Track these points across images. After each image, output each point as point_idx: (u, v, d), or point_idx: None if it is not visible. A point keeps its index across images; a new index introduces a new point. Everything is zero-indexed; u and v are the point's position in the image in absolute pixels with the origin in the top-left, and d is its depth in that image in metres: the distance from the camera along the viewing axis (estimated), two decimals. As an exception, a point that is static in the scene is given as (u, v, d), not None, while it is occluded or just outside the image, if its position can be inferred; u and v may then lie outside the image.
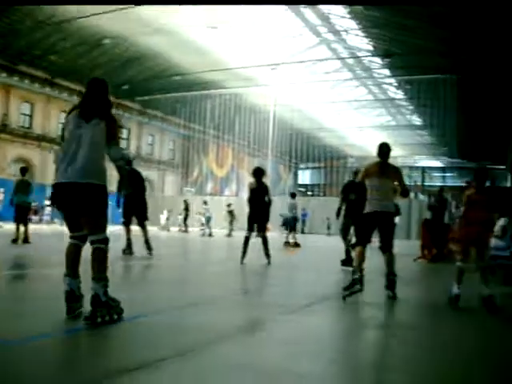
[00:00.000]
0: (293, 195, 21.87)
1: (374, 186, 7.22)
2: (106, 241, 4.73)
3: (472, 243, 6.68)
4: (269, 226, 12.93)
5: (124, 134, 48.94)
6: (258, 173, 11.59)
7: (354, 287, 6.62)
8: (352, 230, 11.18)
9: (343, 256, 11.22)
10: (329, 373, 3.51)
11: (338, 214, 11.23)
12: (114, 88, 44.58)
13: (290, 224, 20.57)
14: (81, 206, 4.69)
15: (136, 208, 12.19)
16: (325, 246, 22.63)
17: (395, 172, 7.51)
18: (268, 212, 11.55)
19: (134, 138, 50.99)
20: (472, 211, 6.64)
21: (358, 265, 6.94)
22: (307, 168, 79.58)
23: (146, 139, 53.01)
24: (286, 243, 19.83)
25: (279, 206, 24.26)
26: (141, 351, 3.73)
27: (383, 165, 7.49)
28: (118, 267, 9.63)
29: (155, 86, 45.68)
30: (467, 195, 6.76)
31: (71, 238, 4.88)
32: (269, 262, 11.24)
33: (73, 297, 4.68)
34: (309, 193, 73.31)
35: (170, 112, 50.95)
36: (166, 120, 52.99)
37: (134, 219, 12.35)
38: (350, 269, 7.99)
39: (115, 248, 7.86)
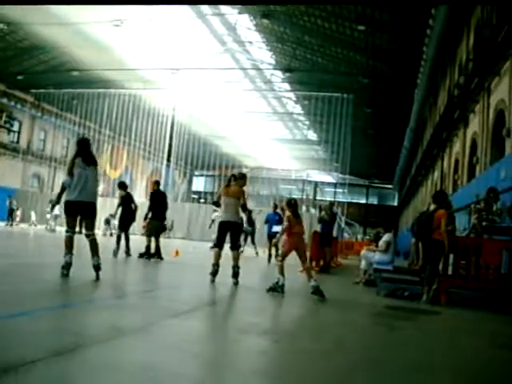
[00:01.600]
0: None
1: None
2: (95, 234, 8.35)
3: (295, 249, 8.85)
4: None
5: (15, 126, 46.77)
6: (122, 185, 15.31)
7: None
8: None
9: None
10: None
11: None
12: (6, 76, 42.75)
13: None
14: (86, 214, 8.30)
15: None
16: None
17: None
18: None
19: (25, 132, 48.71)
20: (294, 227, 8.82)
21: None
22: (202, 175, 79.53)
23: (38, 134, 50.85)
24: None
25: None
26: (8, 351, 3.49)
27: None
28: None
29: (52, 79, 43.98)
30: (287, 216, 8.99)
31: (69, 231, 8.19)
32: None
33: (70, 265, 7.92)
34: (201, 200, 73.16)
35: (65, 108, 49.16)
36: (61, 116, 51.09)
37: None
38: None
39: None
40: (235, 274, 9.38)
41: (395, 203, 73.26)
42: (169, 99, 48.40)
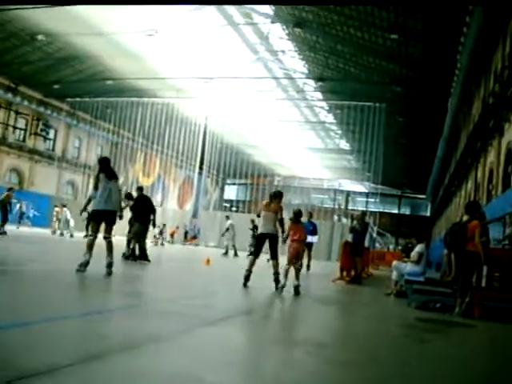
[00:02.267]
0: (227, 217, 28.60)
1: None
2: (111, 237, 9.87)
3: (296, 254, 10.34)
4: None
5: (51, 134, 47.66)
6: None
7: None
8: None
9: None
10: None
11: None
12: (43, 86, 43.61)
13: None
14: (109, 220, 9.82)
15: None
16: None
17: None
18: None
19: (60, 140, 49.59)
20: (294, 234, 10.34)
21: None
22: (234, 184, 79.77)
23: (73, 142, 51.74)
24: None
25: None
26: (37, 356, 3.51)
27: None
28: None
29: (87, 88, 44.77)
30: (290, 226, 10.54)
31: (92, 235, 9.69)
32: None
33: (88, 263, 9.27)
34: (233, 208, 73.35)
35: (99, 116, 49.90)
36: (95, 124, 51.85)
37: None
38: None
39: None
40: (276, 280, 10.23)
41: (428, 213, 72.36)
42: (201, 108, 48.73)
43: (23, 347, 3.70)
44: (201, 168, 54.89)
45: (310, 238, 18.80)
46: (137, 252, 14.54)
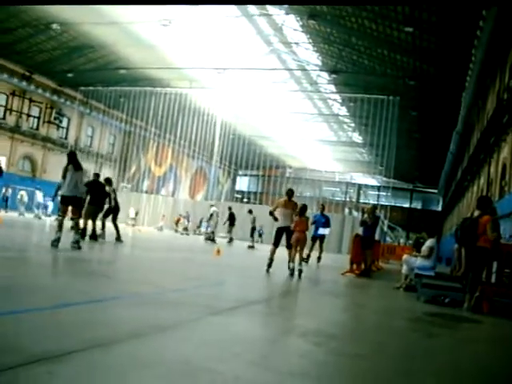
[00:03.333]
0: (250, 211, 29.88)
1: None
2: (78, 219, 11.77)
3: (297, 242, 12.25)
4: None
5: (64, 123, 47.88)
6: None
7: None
8: None
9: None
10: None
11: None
12: (57, 74, 43.79)
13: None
14: (75, 204, 11.70)
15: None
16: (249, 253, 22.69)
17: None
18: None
19: (73, 128, 49.74)
20: (297, 226, 12.36)
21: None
22: (246, 175, 79.83)
23: (86, 130, 51.90)
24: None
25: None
26: (48, 341, 3.59)
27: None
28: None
29: (100, 77, 44.88)
30: (295, 220, 12.45)
31: (61, 216, 11.51)
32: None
33: (59, 239, 10.83)
34: (245, 200, 73.43)
35: (112, 105, 50.02)
36: (108, 113, 52.00)
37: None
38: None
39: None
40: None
41: (439, 208, 72.14)
42: (215, 99, 48.74)
43: (25, 334, 3.78)
44: (212, 159, 54.96)
45: (321, 231, 18.83)
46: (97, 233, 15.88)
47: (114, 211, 17.42)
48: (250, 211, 29.84)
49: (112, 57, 41.78)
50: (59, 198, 13.16)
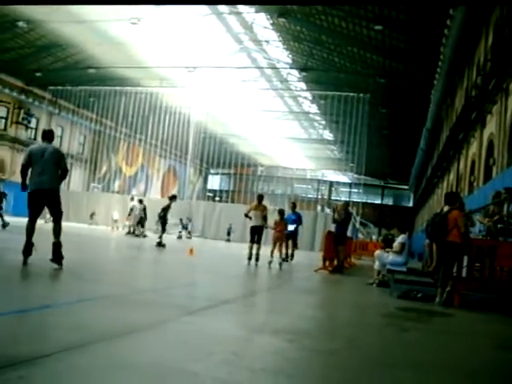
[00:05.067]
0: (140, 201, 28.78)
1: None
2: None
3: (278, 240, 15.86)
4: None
5: (32, 123, 47.17)
6: None
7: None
8: None
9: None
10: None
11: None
12: (25, 74, 43.12)
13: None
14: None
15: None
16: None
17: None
18: None
19: (42, 128, 48.88)
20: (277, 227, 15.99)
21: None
22: (217, 173, 79.64)
23: (55, 131, 51.01)
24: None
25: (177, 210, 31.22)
26: (20, 345, 3.53)
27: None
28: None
29: (69, 76, 44.29)
30: (275, 220, 16.31)
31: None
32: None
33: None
34: (216, 198, 73.24)
35: (82, 105, 49.43)
36: (78, 113, 51.39)
37: None
38: None
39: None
40: (257, 258, 14.80)
41: (410, 204, 72.90)
42: (185, 97, 48.53)
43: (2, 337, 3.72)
44: (184, 158, 54.73)
45: (289, 227, 18.86)
46: None
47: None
48: (141, 201, 28.33)
49: (81, 56, 41.30)
50: None
